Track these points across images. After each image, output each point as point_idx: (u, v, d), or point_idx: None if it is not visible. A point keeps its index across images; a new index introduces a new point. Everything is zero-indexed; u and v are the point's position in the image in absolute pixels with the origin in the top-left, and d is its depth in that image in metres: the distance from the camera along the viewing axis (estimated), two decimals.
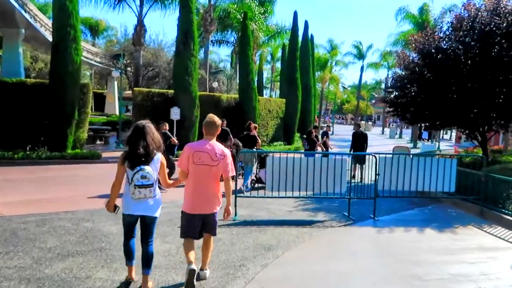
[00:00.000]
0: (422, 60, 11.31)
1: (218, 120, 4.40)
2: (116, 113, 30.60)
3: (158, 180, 4.15)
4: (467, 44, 10.59)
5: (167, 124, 10.85)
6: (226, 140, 10.78)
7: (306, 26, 27.60)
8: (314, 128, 14.19)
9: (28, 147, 13.52)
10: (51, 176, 11.12)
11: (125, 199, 4.04)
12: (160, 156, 4.11)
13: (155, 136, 4.03)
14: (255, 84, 20.50)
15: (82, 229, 6.24)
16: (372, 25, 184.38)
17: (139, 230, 4.26)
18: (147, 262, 4.09)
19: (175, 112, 16.27)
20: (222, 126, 11.31)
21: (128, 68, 27.53)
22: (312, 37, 29.30)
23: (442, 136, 40.87)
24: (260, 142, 11.06)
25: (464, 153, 14.19)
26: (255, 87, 20.08)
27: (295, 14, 25.09)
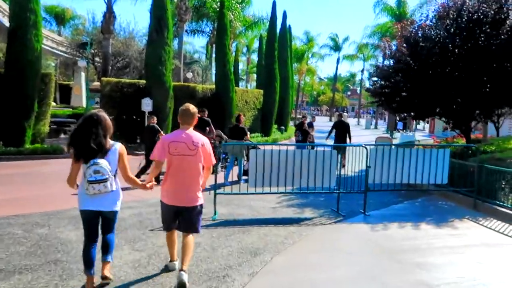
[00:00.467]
0: (408, 48, 10.91)
1: (194, 108, 4.19)
2: (83, 105, 29.17)
3: (116, 172, 3.82)
4: (454, 32, 10.24)
5: (155, 118, 10.02)
6: (208, 132, 10.09)
7: (285, 16, 26.88)
8: (304, 119, 13.76)
9: None
10: (5, 174, 10.05)
11: (79, 194, 3.78)
12: (118, 147, 3.82)
13: (107, 124, 3.73)
14: (233, 75, 19.69)
15: (35, 236, 5.35)
16: (348, 17, 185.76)
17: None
18: (107, 248, 3.83)
19: (146, 103, 15.28)
20: (204, 116, 10.70)
21: (96, 58, 26.17)
22: (290, 28, 28.58)
23: (416, 127, 41.18)
24: (249, 134, 10.48)
25: (445, 143, 13.94)
26: (232, 78, 19.27)
27: (274, 4, 24.48)
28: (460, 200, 8.44)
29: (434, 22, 11.19)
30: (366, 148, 7.66)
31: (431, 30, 10.93)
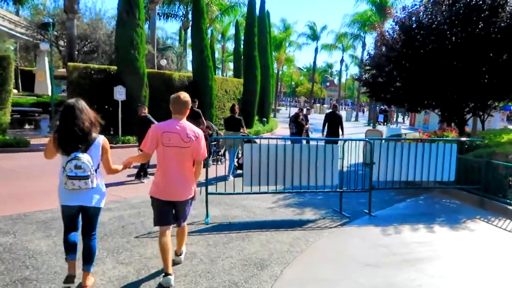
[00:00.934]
0: (403, 35, 10.49)
1: (186, 97, 4.03)
2: (48, 93, 27.65)
3: (98, 167, 3.67)
4: (451, 19, 9.89)
5: (146, 107, 9.32)
6: (198, 123, 9.48)
7: (263, 1, 26.18)
8: (299, 111, 13.24)
9: None
10: None
11: (59, 189, 3.59)
12: (102, 140, 3.67)
13: (90, 114, 3.58)
14: (211, 62, 18.89)
15: None
16: (326, 5, 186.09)
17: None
18: (88, 258, 3.69)
19: (119, 92, 14.39)
20: (194, 107, 10.12)
21: (61, 42, 24.70)
22: (269, 14, 27.88)
23: (396, 120, 41.40)
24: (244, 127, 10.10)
25: (434, 136, 13.48)
26: (211, 65, 18.47)
27: None
28: (464, 198, 8.11)
29: (430, 7, 10.84)
30: (370, 142, 7.18)
31: (426, 16, 10.56)
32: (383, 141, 7.58)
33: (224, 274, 4.18)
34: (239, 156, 9.92)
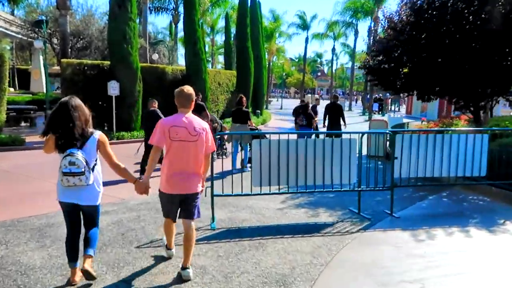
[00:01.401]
0: (413, 17, 9.54)
1: (190, 90, 3.88)
2: (43, 90, 26.82)
3: (95, 164, 3.54)
4: None
5: (156, 102, 8.72)
6: (203, 117, 8.93)
7: None
8: (305, 102, 12.24)
9: None
10: None
11: (57, 184, 3.50)
12: (98, 135, 3.54)
13: (84, 111, 3.49)
14: (204, 54, 18.20)
15: None
16: None
17: None
18: (88, 242, 3.60)
19: (113, 87, 13.71)
20: (197, 100, 9.59)
21: (54, 39, 23.80)
22: (260, 4, 27.11)
23: (391, 108, 40.41)
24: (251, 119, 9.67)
25: (442, 125, 11.91)
26: (204, 57, 17.77)
27: None
28: (495, 195, 7.16)
29: None
30: (391, 134, 6.43)
31: None
32: (405, 133, 6.69)
33: None
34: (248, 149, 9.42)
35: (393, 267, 4.28)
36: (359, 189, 6.15)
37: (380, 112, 33.51)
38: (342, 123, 11.66)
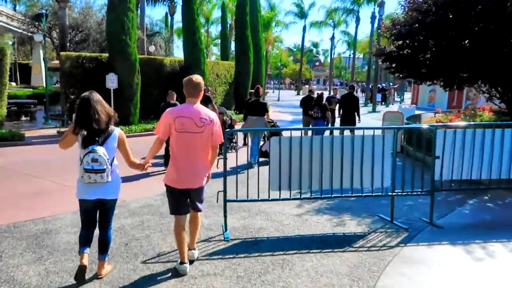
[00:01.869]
0: None
1: (198, 79, 3.72)
2: (43, 84, 26.31)
3: (114, 159, 3.50)
4: None
5: (175, 94, 8.36)
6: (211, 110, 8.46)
7: None
8: (315, 92, 11.71)
9: None
10: None
11: (77, 182, 3.46)
12: (118, 132, 3.53)
13: (105, 106, 3.45)
14: (203, 45, 17.61)
15: None
16: None
17: None
18: (103, 246, 3.61)
19: (111, 80, 13.20)
20: (205, 92, 9.02)
21: (54, 33, 23.18)
22: None
23: (394, 99, 37.24)
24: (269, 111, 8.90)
25: (464, 116, 10.43)
26: (203, 48, 17.20)
27: None
28: None
29: None
30: (433, 130, 5.43)
31: None
32: (448, 129, 5.57)
33: None
34: (262, 142, 8.83)
35: None
36: (393, 193, 5.25)
37: (384, 103, 31.98)
38: (356, 118, 10.59)
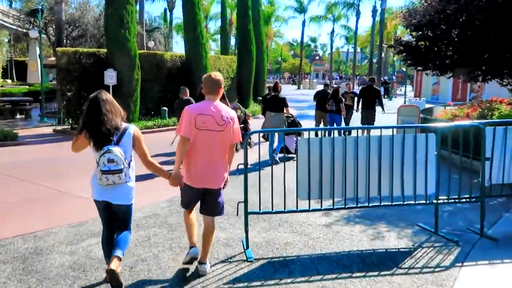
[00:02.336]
0: None
1: (218, 75, 3.55)
2: (39, 82, 25.53)
3: (131, 160, 3.24)
4: None
5: (187, 90, 8.03)
6: None
7: None
8: (326, 86, 11.12)
9: None
10: None
11: (93, 183, 3.25)
12: (133, 129, 3.26)
13: (115, 104, 3.23)
14: (205, 39, 16.78)
15: None
16: None
17: None
18: (118, 243, 3.22)
19: (110, 76, 12.40)
20: None
21: (50, 29, 22.33)
22: None
23: (396, 92, 36.31)
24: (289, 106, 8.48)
25: (481, 110, 9.53)
26: (204, 42, 16.34)
27: None
28: None
29: None
30: (481, 129, 4.66)
31: None
32: (498, 127, 4.83)
33: None
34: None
35: None
36: (438, 201, 4.56)
37: (386, 96, 31.24)
38: (380, 109, 10.27)
